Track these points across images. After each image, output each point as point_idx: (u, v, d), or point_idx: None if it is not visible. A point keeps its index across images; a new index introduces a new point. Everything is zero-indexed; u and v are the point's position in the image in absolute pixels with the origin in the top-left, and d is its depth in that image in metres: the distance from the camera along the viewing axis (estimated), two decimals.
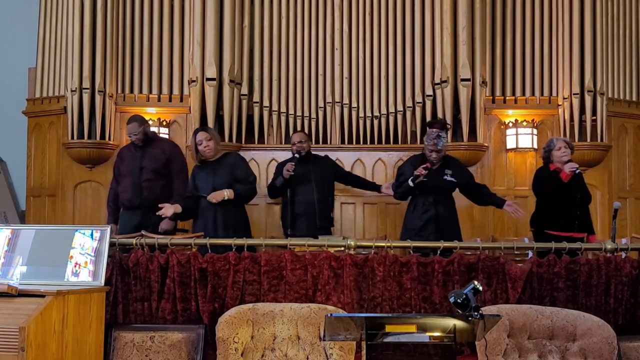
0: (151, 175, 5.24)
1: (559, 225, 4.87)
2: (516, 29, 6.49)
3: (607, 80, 6.36)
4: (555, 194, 4.93)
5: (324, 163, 5.63)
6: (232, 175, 5.04)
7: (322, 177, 5.46)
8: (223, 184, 5.00)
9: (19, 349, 2.98)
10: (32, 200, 6.53)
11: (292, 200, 5.31)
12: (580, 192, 4.97)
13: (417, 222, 4.98)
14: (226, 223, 4.95)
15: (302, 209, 5.34)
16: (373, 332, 2.72)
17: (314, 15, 6.50)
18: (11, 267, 3.59)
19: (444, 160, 5.07)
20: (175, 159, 5.35)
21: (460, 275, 3.71)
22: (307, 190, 5.36)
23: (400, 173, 5.16)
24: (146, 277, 3.74)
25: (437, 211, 4.97)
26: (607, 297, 3.71)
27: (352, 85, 6.41)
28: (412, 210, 5.06)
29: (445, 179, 5.00)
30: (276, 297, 3.71)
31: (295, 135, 5.64)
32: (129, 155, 5.36)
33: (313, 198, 5.35)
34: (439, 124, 5.13)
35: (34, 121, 6.56)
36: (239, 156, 5.33)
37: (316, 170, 5.44)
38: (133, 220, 5.15)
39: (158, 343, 3.63)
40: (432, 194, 4.98)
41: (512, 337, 3.39)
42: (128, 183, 5.26)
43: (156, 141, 5.44)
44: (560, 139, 5.16)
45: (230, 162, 5.11)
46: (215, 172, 5.04)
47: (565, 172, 4.85)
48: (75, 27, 6.25)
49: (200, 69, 6.25)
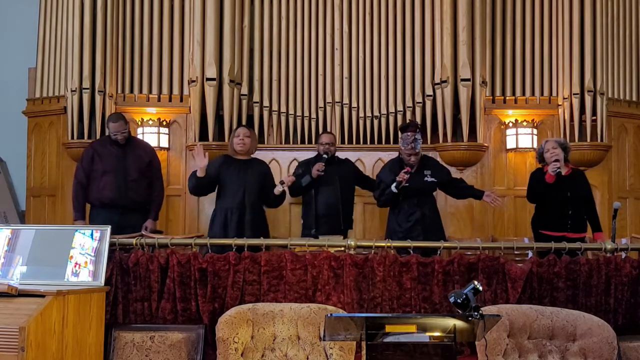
0: (136, 176, 5.28)
1: (552, 225, 4.89)
2: (516, 29, 6.49)
3: (607, 80, 6.36)
4: (542, 195, 4.94)
5: (346, 166, 5.66)
6: (264, 180, 5.09)
7: (345, 179, 5.48)
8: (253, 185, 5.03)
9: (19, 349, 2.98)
10: (32, 200, 6.53)
11: (316, 200, 5.32)
12: (572, 191, 4.97)
13: (403, 225, 5.01)
14: (254, 224, 4.96)
15: (325, 209, 5.34)
16: (373, 332, 2.72)
17: (314, 15, 6.49)
18: (11, 267, 3.59)
19: (421, 161, 5.09)
20: (155, 160, 5.51)
21: (460, 275, 3.72)
22: (332, 191, 5.36)
23: (380, 181, 5.17)
24: (146, 277, 3.74)
25: (422, 213, 5.02)
26: (607, 297, 3.71)
27: (352, 85, 6.41)
28: (397, 214, 5.08)
29: (426, 180, 5.05)
30: (276, 297, 3.71)
31: (325, 136, 5.61)
32: (108, 152, 5.33)
33: (337, 199, 5.35)
34: (412, 127, 5.11)
35: (34, 121, 6.56)
36: (268, 166, 5.37)
37: (340, 172, 5.45)
38: (111, 219, 4.96)
39: (158, 343, 3.63)
40: (415, 196, 5.02)
41: (512, 337, 3.39)
42: (110, 181, 5.24)
43: (135, 141, 5.50)
44: (552, 140, 5.13)
45: (264, 170, 5.17)
46: (247, 172, 5.05)
47: (550, 173, 4.85)
48: (75, 27, 6.25)
49: (200, 69, 6.25)
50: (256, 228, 4.93)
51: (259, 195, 5.08)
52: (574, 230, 4.89)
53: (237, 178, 5.02)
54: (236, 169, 5.06)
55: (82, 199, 5.35)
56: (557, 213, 4.92)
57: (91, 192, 5.30)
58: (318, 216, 5.31)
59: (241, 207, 4.98)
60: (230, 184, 5.02)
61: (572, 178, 4.99)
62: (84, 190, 5.32)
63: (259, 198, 5.09)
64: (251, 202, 5.00)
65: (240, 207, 4.98)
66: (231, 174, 5.04)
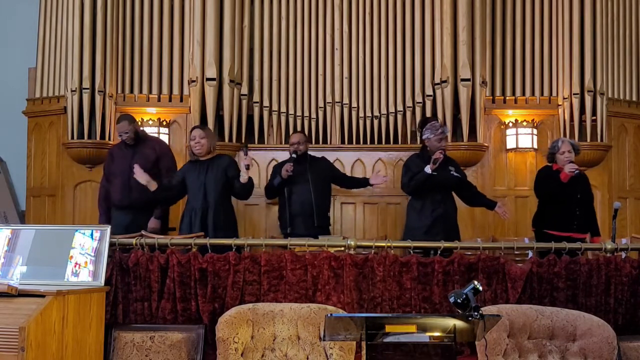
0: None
1: (558, 225, 4.87)
2: (516, 29, 6.49)
3: (607, 80, 6.36)
4: (555, 194, 4.93)
5: (321, 164, 5.64)
6: (224, 176, 5.07)
7: (319, 178, 5.47)
8: (213, 184, 5.03)
9: (19, 349, 2.98)
10: (32, 200, 6.52)
11: (289, 200, 5.34)
12: (581, 192, 4.97)
13: (425, 221, 4.99)
14: (216, 224, 4.97)
15: (299, 208, 5.35)
16: (373, 332, 2.72)
17: (314, 15, 6.49)
18: (11, 267, 3.59)
19: (446, 158, 5.08)
20: (164, 157, 5.41)
21: (460, 275, 3.72)
22: (304, 190, 5.36)
23: (408, 168, 5.15)
24: (146, 277, 3.74)
25: (445, 209, 5.02)
26: (607, 297, 3.71)
27: (352, 85, 6.41)
28: (420, 209, 5.06)
29: (452, 174, 5.04)
30: (276, 297, 3.71)
31: (294, 136, 5.64)
32: (120, 154, 5.35)
33: (310, 198, 5.35)
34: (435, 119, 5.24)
35: (34, 121, 6.55)
36: (231, 158, 5.37)
37: (313, 171, 5.45)
38: (124, 221, 5.12)
39: (158, 343, 3.63)
40: (439, 192, 5.03)
41: (512, 337, 3.39)
42: (118, 183, 5.26)
43: (147, 141, 5.47)
44: (566, 141, 5.08)
45: (224, 164, 5.13)
46: (207, 172, 5.06)
47: (565, 172, 4.85)
48: (75, 27, 6.25)
49: (200, 69, 6.25)
50: (220, 228, 4.93)
51: (223, 192, 5.07)
52: (580, 230, 4.89)
53: (197, 179, 5.05)
54: (196, 170, 5.10)
55: (103, 203, 5.40)
56: (565, 213, 4.90)
57: (110, 195, 5.34)
58: (292, 215, 5.31)
59: (204, 207, 5.00)
60: (191, 185, 5.07)
61: (580, 180, 5.00)
62: (107, 194, 5.37)
63: (224, 195, 5.08)
64: (214, 201, 5.00)
65: (203, 207, 5.00)
66: (192, 176, 5.09)
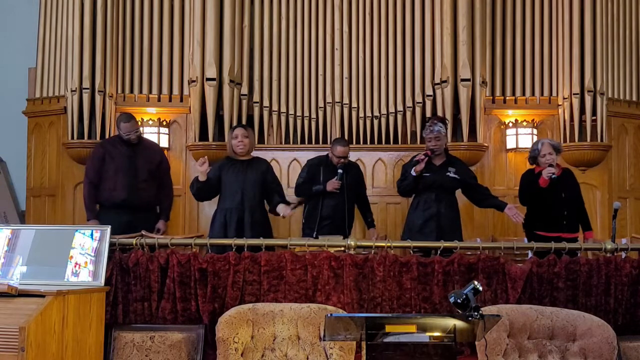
0: (147, 176, 5.27)
1: (547, 225, 4.88)
2: (516, 29, 6.50)
3: (607, 80, 6.36)
4: (538, 196, 4.93)
5: (355, 171, 5.53)
6: (263, 179, 5.05)
7: (352, 184, 5.38)
8: (252, 185, 5.00)
9: (19, 349, 2.98)
10: (32, 200, 6.53)
11: (322, 203, 5.26)
12: (565, 191, 4.96)
13: (418, 220, 4.98)
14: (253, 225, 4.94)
15: (331, 212, 5.26)
16: (373, 332, 2.72)
17: (314, 15, 6.50)
18: (11, 267, 3.59)
19: (448, 159, 5.06)
20: (165, 160, 5.54)
21: (460, 275, 3.71)
22: (339, 194, 5.26)
23: (405, 171, 5.15)
24: (146, 277, 3.74)
25: (438, 209, 4.97)
26: (607, 297, 3.71)
27: (352, 85, 6.41)
28: (415, 208, 5.05)
29: (448, 175, 4.99)
30: (276, 297, 3.71)
31: (341, 150, 5.29)
32: (118, 152, 5.31)
33: (344, 202, 5.27)
34: (435, 117, 5.22)
35: (34, 121, 6.56)
36: (268, 163, 5.30)
37: (349, 177, 5.37)
38: (120, 219, 5.02)
39: (158, 343, 3.63)
40: (434, 191, 4.97)
41: (512, 337, 3.39)
42: (121, 182, 5.22)
43: (145, 141, 5.48)
44: (546, 143, 5.04)
45: (262, 168, 5.11)
46: (247, 172, 5.03)
47: (544, 178, 4.83)
48: (75, 27, 6.25)
49: (200, 69, 6.25)
50: (256, 229, 4.90)
51: (260, 195, 5.06)
52: (569, 230, 4.90)
53: (235, 179, 5.01)
54: (236, 170, 5.04)
55: (94, 199, 5.32)
56: (552, 214, 4.91)
57: (102, 193, 5.27)
58: (322, 217, 5.26)
59: (240, 208, 4.96)
60: (229, 185, 5.02)
61: (564, 178, 5.00)
62: (96, 190, 5.30)
63: (260, 198, 5.07)
64: (250, 203, 4.98)
65: (240, 208, 4.96)
66: (230, 175, 5.03)
